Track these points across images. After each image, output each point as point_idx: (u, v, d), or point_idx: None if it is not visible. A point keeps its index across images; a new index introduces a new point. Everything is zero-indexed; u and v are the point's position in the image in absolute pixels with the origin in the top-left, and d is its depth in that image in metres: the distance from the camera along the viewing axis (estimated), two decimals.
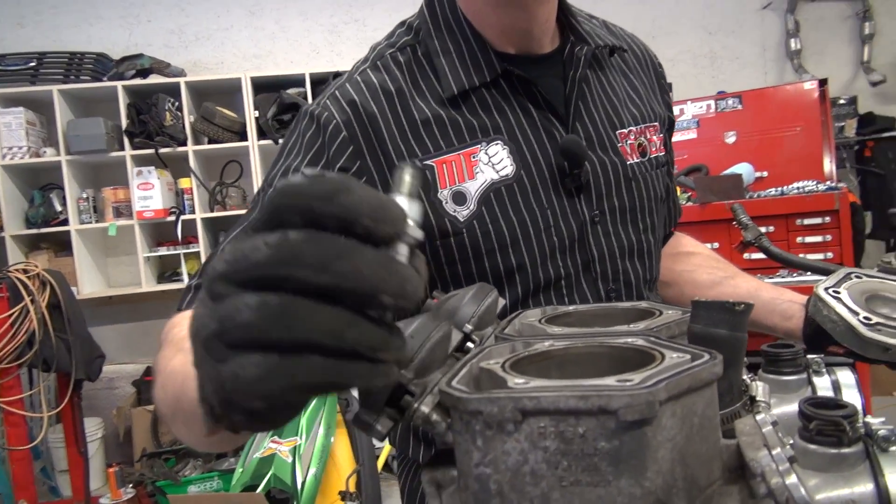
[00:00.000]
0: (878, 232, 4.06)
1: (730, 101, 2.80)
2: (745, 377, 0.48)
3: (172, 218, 3.39)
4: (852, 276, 0.67)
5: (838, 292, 0.65)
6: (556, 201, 0.76)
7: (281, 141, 0.80)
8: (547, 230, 0.75)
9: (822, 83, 2.69)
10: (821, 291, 0.65)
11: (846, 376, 0.56)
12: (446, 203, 0.73)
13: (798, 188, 2.39)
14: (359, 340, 0.31)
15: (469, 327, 0.50)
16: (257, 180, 3.48)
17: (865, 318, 0.60)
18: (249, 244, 0.30)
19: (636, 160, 0.82)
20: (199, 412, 0.35)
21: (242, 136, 3.48)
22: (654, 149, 0.85)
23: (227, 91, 3.60)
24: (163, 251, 3.48)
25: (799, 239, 2.29)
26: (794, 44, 4.26)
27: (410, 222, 0.34)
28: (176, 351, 0.57)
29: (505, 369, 0.40)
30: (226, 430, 0.34)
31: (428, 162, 0.73)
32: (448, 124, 0.74)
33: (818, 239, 2.26)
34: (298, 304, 0.30)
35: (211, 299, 0.32)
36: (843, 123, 4.05)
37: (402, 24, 0.82)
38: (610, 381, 0.34)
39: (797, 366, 0.56)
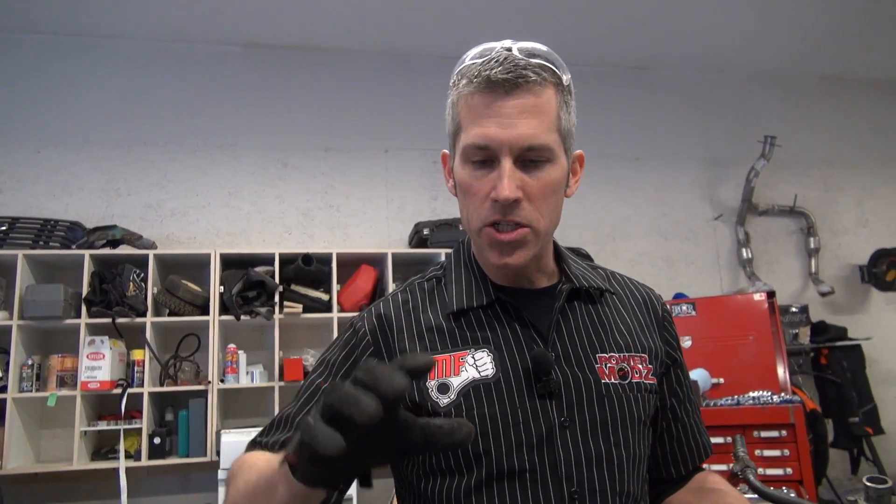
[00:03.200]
0: (840, 441, 4.03)
1: (684, 307, 2.89)
2: None
3: (118, 391, 3.25)
4: None
5: None
6: (528, 403, 0.89)
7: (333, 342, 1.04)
8: (516, 426, 0.88)
9: (771, 295, 2.80)
10: None
11: None
12: (432, 391, 0.89)
13: (753, 398, 2.39)
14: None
15: None
16: (214, 355, 3.40)
17: None
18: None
19: (614, 381, 0.94)
20: (282, 476, 0.65)
21: (204, 310, 3.46)
22: (636, 375, 0.96)
23: (194, 265, 3.64)
24: (102, 425, 3.29)
25: (758, 452, 2.25)
26: (745, 253, 4.50)
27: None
28: (255, 463, 0.81)
29: None
30: (301, 481, 0.62)
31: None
32: (447, 333, 0.94)
33: (776, 453, 2.22)
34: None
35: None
36: (797, 331, 4.18)
37: (439, 264, 1.07)
38: None
39: None
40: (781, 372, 2.66)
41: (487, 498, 0.87)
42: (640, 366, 0.97)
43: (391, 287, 3.72)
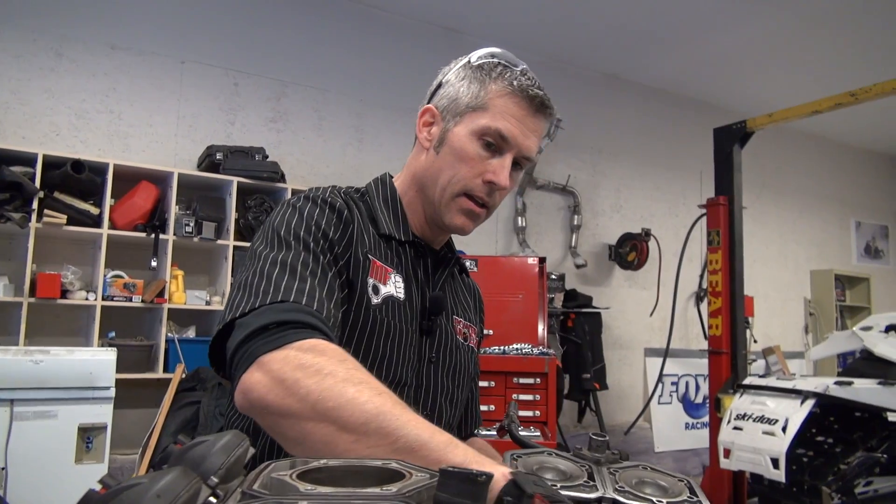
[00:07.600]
0: (572, 393, 4.64)
1: (467, 263, 3.11)
2: None
3: None
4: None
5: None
6: (416, 332, 1.05)
7: (283, 215, 0.97)
8: (409, 346, 1.03)
9: (542, 261, 3.13)
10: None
11: None
12: (369, 287, 0.99)
13: (517, 349, 2.67)
14: None
15: (215, 480, 0.46)
16: None
17: None
18: None
19: (460, 340, 1.15)
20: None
21: None
22: (471, 341, 1.19)
23: None
24: None
25: (514, 395, 2.53)
26: (520, 221, 4.92)
27: None
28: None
29: None
30: None
31: (371, 256, 1.02)
32: (382, 247, 1.05)
33: (530, 397, 2.53)
34: None
35: None
36: (553, 295, 4.69)
37: (351, 187, 1.12)
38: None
39: None
40: (541, 329, 3.00)
41: None
42: (473, 335, 1.20)
43: (174, 209, 3.48)
